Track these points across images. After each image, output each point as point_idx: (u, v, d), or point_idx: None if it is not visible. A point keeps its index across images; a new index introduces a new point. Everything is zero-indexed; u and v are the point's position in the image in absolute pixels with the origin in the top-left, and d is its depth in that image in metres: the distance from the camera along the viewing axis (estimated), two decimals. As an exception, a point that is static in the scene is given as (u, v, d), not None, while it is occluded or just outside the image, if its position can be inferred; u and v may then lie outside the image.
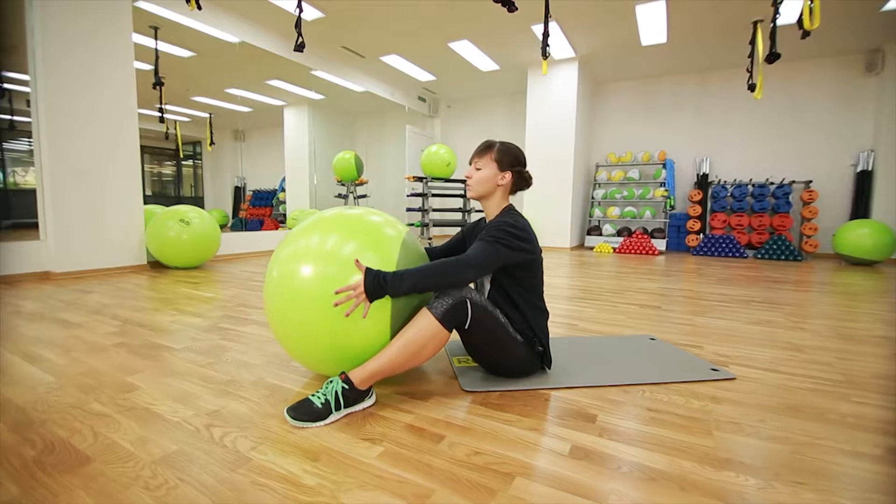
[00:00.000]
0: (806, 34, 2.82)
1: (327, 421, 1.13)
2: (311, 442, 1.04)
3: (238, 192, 7.71)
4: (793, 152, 6.00)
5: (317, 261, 1.20)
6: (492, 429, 1.13)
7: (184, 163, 7.48)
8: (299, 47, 3.75)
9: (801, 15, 2.82)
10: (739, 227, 6.09)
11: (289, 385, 1.39)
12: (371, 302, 1.14)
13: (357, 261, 1.17)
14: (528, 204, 6.62)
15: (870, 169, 5.45)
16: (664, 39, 5.17)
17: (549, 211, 6.44)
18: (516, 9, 2.85)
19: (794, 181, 5.89)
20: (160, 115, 5.24)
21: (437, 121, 8.58)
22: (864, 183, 5.48)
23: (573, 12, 4.60)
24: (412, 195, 6.84)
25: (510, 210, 1.44)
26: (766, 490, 0.90)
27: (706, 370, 1.56)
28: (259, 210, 7.73)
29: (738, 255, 5.86)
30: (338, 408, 1.14)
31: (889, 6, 4.17)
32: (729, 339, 1.97)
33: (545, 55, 3.68)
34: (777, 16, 3.53)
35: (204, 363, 1.56)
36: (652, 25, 4.80)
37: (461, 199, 7.25)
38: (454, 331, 1.25)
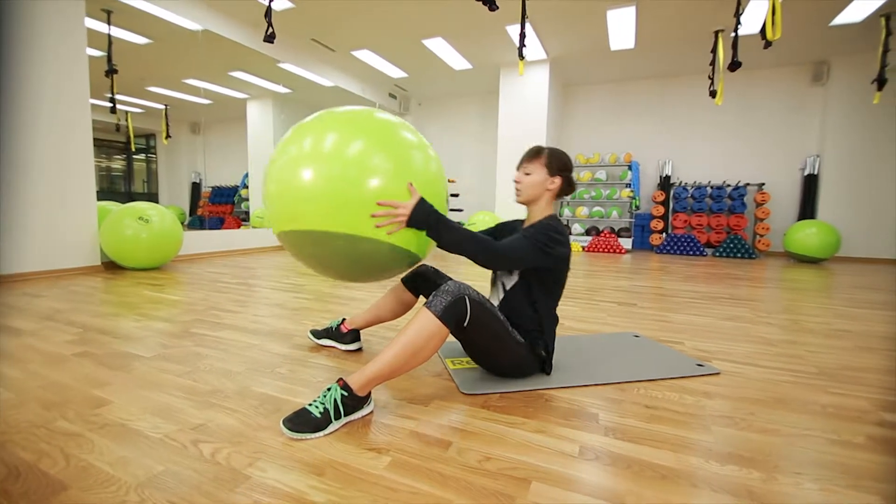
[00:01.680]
0: (768, 44, 2.99)
1: (327, 431, 1.07)
2: (313, 455, 0.98)
3: (195, 188, 7.33)
4: (747, 156, 6.36)
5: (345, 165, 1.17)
6: (498, 432, 1.10)
7: (135, 157, 7.00)
8: (269, 38, 3.59)
9: (763, 25, 2.98)
10: (699, 226, 6.39)
11: (277, 393, 1.31)
12: (407, 227, 1.20)
13: (411, 184, 1.20)
14: (500, 203, 6.67)
15: (816, 173, 5.86)
16: (632, 45, 5.34)
17: (522, 210, 6.51)
18: (497, 7, 2.85)
19: (748, 183, 6.24)
20: (111, 105, 4.89)
21: (409, 118, 8.50)
22: (810, 186, 5.89)
23: (546, 15, 4.66)
24: (384, 193, 6.73)
25: (553, 217, 1.43)
26: (770, 482, 0.93)
27: (692, 366, 1.61)
28: (219, 207, 7.38)
29: (698, 253, 6.16)
30: (337, 416, 1.09)
31: (836, 21, 4.49)
32: (706, 335, 2.04)
33: (521, 56, 3.70)
34: (738, 26, 3.71)
35: (180, 372, 1.45)
36: (621, 31, 4.94)
37: (433, 198, 7.20)
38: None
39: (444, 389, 1.37)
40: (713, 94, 4.65)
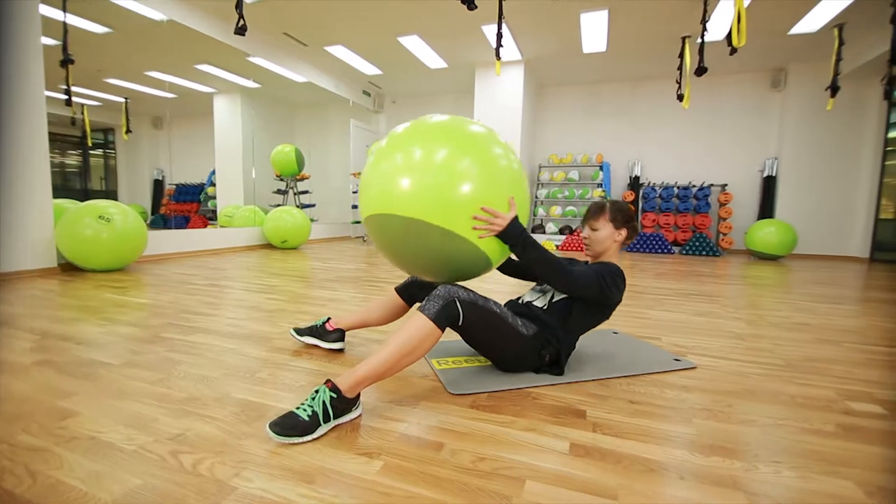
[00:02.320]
0: (733, 51, 3.11)
1: (315, 435, 1.04)
2: (301, 462, 0.95)
3: (158, 185, 7.01)
4: (711, 157, 6.63)
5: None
6: (489, 432, 1.10)
7: (92, 152, 6.63)
8: (240, 30, 3.47)
9: (729, 33, 3.10)
10: (667, 225, 6.62)
11: (259, 399, 1.26)
12: (497, 237, 1.31)
13: (512, 199, 1.31)
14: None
15: (774, 174, 6.18)
16: (604, 48, 5.46)
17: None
18: (475, 7, 2.85)
19: (712, 184, 6.51)
20: (67, 97, 4.60)
21: (383, 116, 8.41)
22: (769, 186, 6.20)
23: (522, 16, 4.71)
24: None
25: (618, 266, 1.53)
26: (752, 471, 0.96)
27: (670, 361, 1.65)
28: (183, 206, 7.09)
29: (666, 251, 6.37)
30: (326, 419, 1.06)
31: (794, 31, 4.74)
32: (681, 331, 2.11)
33: (499, 56, 3.72)
34: (705, 33, 3.85)
35: (153, 380, 1.38)
36: (594, 34, 5.05)
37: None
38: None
39: (431, 390, 1.35)
40: (680, 97, 4.81)
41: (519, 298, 1.60)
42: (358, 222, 6.78)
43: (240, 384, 1.36)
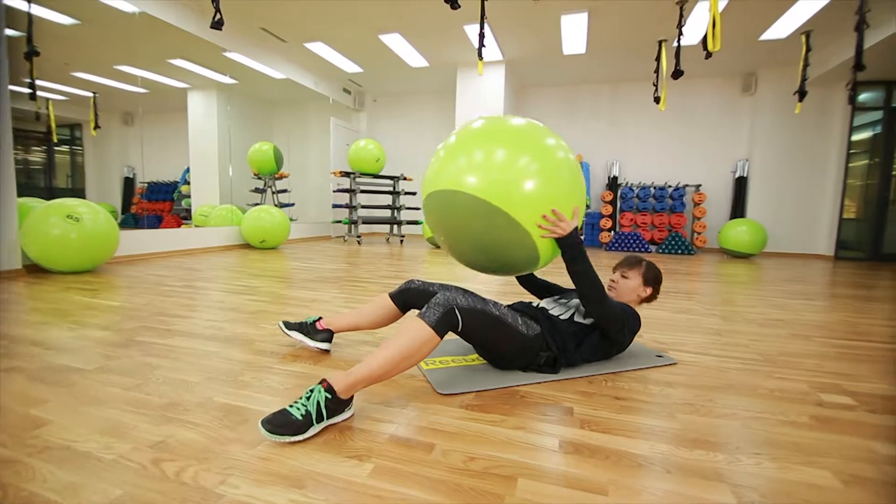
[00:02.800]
0: (709, 55, 3.21)
1: (307, 434, 1.03)
2: (289, 466, 0.93)
3: (128, 183, 6.77)
4: (686, 158, 6.82)
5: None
6: (479, 431, 1.10)
7: (58, 149, 6.35)
8: (217, 24, 3.38)
9: (704, 37, 3.19)
10: (644, 224, 6.77)
11: (243, 403, 1.23)
12: (555, 240, 1.41)
13: (577, 208, 1.42)
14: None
15: (745, 175, 6.39)
16: (583, 50, 5.54)
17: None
18: (459, 6, 2.85)
19: (686, 184, 6.69)
20: (31, 91, 4.39)
21: (363, 115, 8.33)
22: (741, 187, 6.41)
23: (503, 17, 4.74)
24: (339, 191, 6.58)
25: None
26: (734, 463, 0.99)
27: (652, 357, 1.69)
28: (156, 205, 6.87)
29: (643, 250, 6.51)
30: (319, 419, 1.05)
31: (764, 36, 4.91)
32: (661, 327, 2.16)
33: (480, 56, 3.74)
34: (681, 37, 3.96)
35: (129, 385, 1.33)
36: (574, 36, 5.12)
37: (391, 196, 7.14)
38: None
39: (419, 391, 1.35)
40: (657, 99, 4.92)
41: (532, 303, 1.62)
42: (338, 222, 6.69)
43: (222, 388, 1.33)
